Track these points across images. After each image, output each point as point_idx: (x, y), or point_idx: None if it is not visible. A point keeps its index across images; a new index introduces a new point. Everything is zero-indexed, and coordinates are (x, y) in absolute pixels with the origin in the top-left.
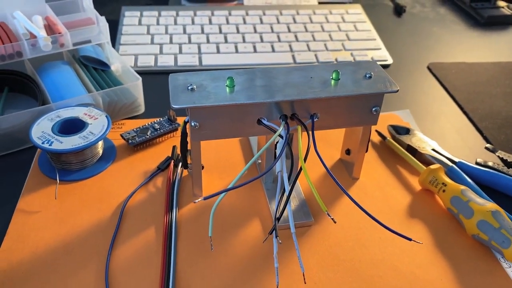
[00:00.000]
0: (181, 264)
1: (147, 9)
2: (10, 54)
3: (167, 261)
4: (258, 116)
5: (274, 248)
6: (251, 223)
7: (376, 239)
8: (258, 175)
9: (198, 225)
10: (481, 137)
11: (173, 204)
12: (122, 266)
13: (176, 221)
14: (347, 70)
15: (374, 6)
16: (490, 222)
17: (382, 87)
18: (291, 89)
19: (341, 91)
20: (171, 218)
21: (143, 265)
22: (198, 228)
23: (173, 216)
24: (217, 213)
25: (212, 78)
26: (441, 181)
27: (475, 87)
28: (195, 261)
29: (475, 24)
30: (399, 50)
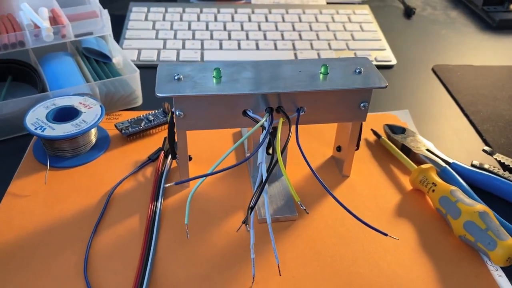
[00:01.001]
0: (161, 252)
1: (154, 5)
2: (13, 43)
3: (147, 248)
4: (244, 107)
5: (251, 239)
6: (235, 214)
7: (360, 237)
8: (237, 163)
9: (182, 215)
10: (481, 140)
11: (159, 194)
12: (103, 250)
13: (160, 210)
14: (337, 65)
15: (384, 7)
16: (477, 223)
17: (370, 82)
18: (278, 82)
19: (329, 85)
20: (156, 207)
21: (123, 250)
22: (182, 218)
23: (157, 205)
24: (201, 203)
25: (200, 69)
26: (431, 181)
27: (479, 90)
28: (175, 250)
29: (486, 28)
30: (404, 52)
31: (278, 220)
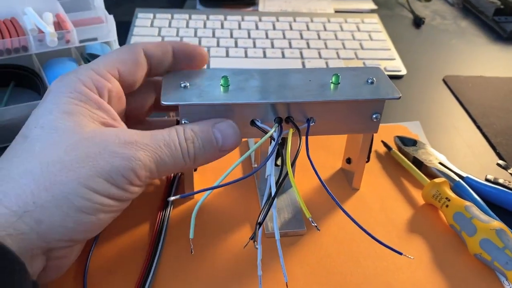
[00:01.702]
0: (164, 266)
1: (160, 12)
2: (16, 48)
3: (149, 263)
4: (252, 117)
5: (258, 255)
6: (241, 228)
7: (371, 253)
8: (244, 176)
9: (187, 228)
10: (494, 153)
11: (167, 205)
12: (104, 263)
13: (167, 224)
14: (348, 75)
15: (393, 16)
16: (493, 241)
17: (383, 93)
18: (288, 91)
19: (340, 95)
20: (163, 219)
21: (125, 264)
22: (187, 231)
23: (165, 216)
24: (206, 216)
25: (207, 77)
26: (444, 196)
27: (492, 102)
28: (178, 265)
29: (497, 38)
30: (414, 62)
31: (287, 234)
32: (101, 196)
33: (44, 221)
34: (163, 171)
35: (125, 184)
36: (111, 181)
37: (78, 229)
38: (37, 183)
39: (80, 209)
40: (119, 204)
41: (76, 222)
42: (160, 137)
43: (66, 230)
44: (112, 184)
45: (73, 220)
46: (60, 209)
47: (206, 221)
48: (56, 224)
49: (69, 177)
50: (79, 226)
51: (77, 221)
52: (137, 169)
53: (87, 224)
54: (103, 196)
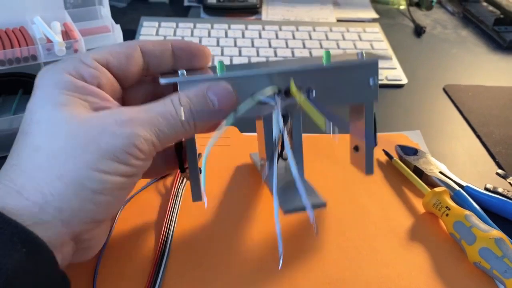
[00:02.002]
0: (171, 269)
1: (165, 20)
2: (25, 57)
3: (158, 264)
4: (251, 92)
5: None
6: (249, 235)
7: (372, 261)
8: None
9: (194, 232)
10: (494, 162)
11: (173, 214)
12: (111, 273)
13: (174, 227)
14: (339, 57)
15: (394, 25)
16: (492, 250)
17: (374, 57)
18: (283, 66)
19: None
20: (170, 223)
21: (134, 265)
22: (194, 235)
23: (172, 221)
24: (213, 223)
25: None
26: (445, 205)
27: (491, 111)
28: (186, 268)
29: (497, 48)
30: (415, 71)
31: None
32: (111, 176)
33: (64, 209)
34: (165, 141)
35: (132, 160)
36: (117, 160)
37: (98, 209)
38: (49, 175)
39: (96, 191)
40: (130, 180)
41: (95, 203)
42: (156, 109)
43: (87, 212)
44: (119, 162)
45: (92, 202)
46: (77, 196)
47: (212, 226)
48: (76, 209)
49: (76, 164)
50: (98, 207)
51: (95, 203)
52: (139, 145)
53: (105, 203)
54: (114, 175)
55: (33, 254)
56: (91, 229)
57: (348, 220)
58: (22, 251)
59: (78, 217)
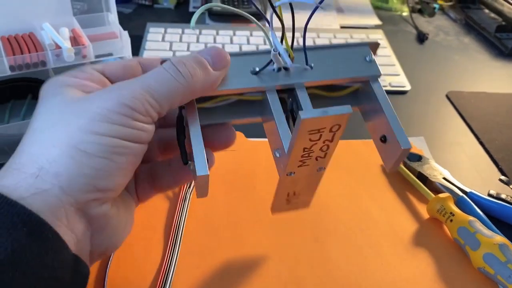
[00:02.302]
0: (180, 275)
1: (171, 26)
2: (35, 62)
3: (167, 268)
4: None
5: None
6: (253, 238)
7: (378, 266)
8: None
9: (202, 235)
10: (497, 169)
11: (182, 216)
12: (125, 264)
13: (182, 232)
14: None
15: (397, 32)
16: (496, 256)
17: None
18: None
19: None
20: (178, 228)
21: (143, 268)
22: (202, 239)
23: (180, 226)
24: (223, 225)
25: None
26: (449, 211)
27: (494, 118)
28: (193, 273)
29: (499, 55)
30: (418, 77)
31: (327, 113)
32: (105, 137)
33: (62, 173)
34: (162, 100)
35: (126, 120)
36: (110, 120)
37: (97, 174)
38: (44, 145)
39: (91, 154)
40: (132, 145)
41: (92, 167)
42: (147, 74)
43: (85, 177)
44: (112, 123)
45: (89, 167)
46: (73, 159)
47: (220, 231)
48: (74, 174)
49: (70, 130)
50: (97, 171)
51: (93, 167)
52: (131, 104)
53: (103, 168)
54: (108, 136)
55: (35, 234)
56: (97, 199)
57: (353, 225)
58: (23, 231)
59: (77, 183)
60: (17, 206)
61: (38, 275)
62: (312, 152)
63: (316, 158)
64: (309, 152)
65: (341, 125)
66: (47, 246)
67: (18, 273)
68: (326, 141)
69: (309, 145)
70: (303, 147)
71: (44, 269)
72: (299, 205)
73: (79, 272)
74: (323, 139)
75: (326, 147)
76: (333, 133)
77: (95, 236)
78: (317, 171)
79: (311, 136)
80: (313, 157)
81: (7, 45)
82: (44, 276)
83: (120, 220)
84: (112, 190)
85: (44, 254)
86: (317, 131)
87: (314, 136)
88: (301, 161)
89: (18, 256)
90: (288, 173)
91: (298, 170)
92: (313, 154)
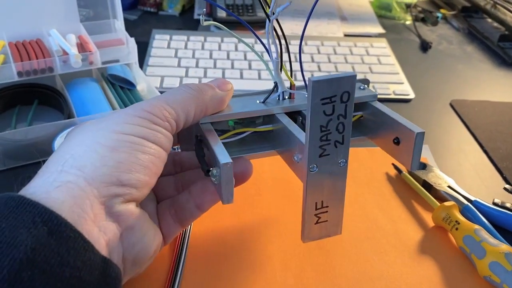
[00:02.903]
0: (186, 280)
1: (176, 33)
2: (42, 68)
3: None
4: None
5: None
6: (265, 246)
7: (384, 274)
8: None
9: (208, 244)
10: (501, 177)
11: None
12: None
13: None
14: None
15: (400, 41)
16: (502, 264)
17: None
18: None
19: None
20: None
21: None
22: (208, 247)
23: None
24: (230, 232)
25: None
26: (454, 219)
27: (498, 126)
28: (201, 284)
29: (502, 64)
30: (422, 86)
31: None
32: (129, 135)
33: (85, 165)
34: (177, 106)
35: (149, 124)
36: (133, 122)
37: (120, 167)
38: (71, 145)
39: (114, 148)
40: (152, 145)
41: (115, 160)
42: (165, 92)
43: (109, 169)
44: (135, 124)
45: (112, 159)
46: (97, 153)
47: (228, 238)
48: (97, 166)
49: (94, 131)
50: (119, 164)
51: (116, 160)
52: (152, 111)
53: (127, 162)
54: (132, 135)
55: (56, 233)
56: (121, 195)
57: (359, 233)
58: (44, 229)
59: (100, 174)
60: (38, 207)
61: (59, 275)
62: (330, 134)
63: (335, 144)
64: (327, 133)
65: (349, 92)
66: (69, 245)
67: (37, 272)
68: (340, 116)
69: (325, 122)
70: (320, 124)
71: (66, 268)
72: (330, 229)
73: (108, 274)
74: (336, 113)
75: (342, 127)
76: (345, 104)
77: (125, 236)
78: (339, 165)
79: (325, 107)
80: (331, 141)
81: (15, 51)
82: (66, 275)
83: (149, 227)
84: (135, 188)
85: (65, 253)
86: (329, 100)
87: (327, 107)
88: (320, 147)
89: (37, 254)
90: (311, 167)
91: (320, 162)
92: (331, 136)
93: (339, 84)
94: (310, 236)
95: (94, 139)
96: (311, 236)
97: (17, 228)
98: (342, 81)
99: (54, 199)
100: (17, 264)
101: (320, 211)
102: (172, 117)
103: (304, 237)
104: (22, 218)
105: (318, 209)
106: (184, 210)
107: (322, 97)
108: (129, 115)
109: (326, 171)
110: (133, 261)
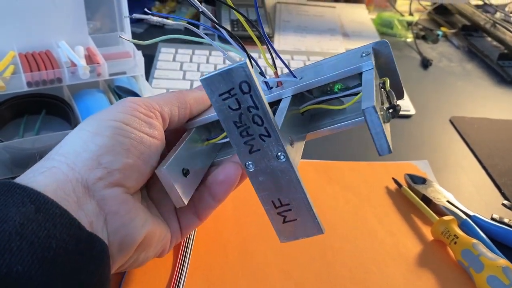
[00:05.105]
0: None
1: (182, 47)
2: (51, 79)
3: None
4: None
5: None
6: (266, 254)
7: (383, 285)
8: None
9: (212, 247)
10: (499, 193)
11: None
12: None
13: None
14: None
15: (402, 57)
16: (500, 278)
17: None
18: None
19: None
20: (187, 246)
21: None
22: (212, 251)
23: (189, 242)
24: (232, 240)
25: None
26: (453, 233)
27: (496, 144)
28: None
29: (501, 82)
30: (422, 102)
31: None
32: (111, 120)
33: (68, 151)
34: (162, 103)
35: (132, 111)
36: (116, 110)
37: (101, 150)
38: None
39: (96, 133)
40: (134, 130)
41: (96, 144)
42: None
43: (90, 153)
44: (118, 112)
45: (94, 143)
46: (80, 138)
47: (229, 246)
48: (79, 150)
49: (82, 123)
50: (100, 148)
51: (97, 143)
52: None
53: (107, 145)
54: (113, 120)
55: (43, 210)
56: (103, 179)
57: (358, 245)
58: (31, 207)
59: (82, 158)
60: (27, 189)
61: (46, 245)
62: (248, 128)
63: (261, 137)
64: (245, 128)
65: (248, 82)
66: (55, 221)
67: (25, 243)
68: (250, 108)
69: (236, 117)
70: (232, 120)
71: (52, 240)
72: (307, 229)
73: (94, 247)
74: (244, 105)
75: (259, 119)
76: (249, 95)
77: (109, 220)
78: (278, 160)
79: (228, 102)
80: (255, 135)
81: (25, 62)
82: (52, 246)
83: (138, 214)
84: (117, 170)
85: (52, 227)
86: (229, 94)
87: (231, 102)
88: (246, 143)
89: (25, 228)
90: (246, 165)
91: (254, 159)
92: (251, 131)
93: (230, 76)
94: (284, 235)
95: (81, 127)
96: (286, 236)
97: (7, 206)
98: (232, 73)
99: (39, 182)
100: (6, 236)
101: (283, 210)
102: (156, 109)
103: (279, 237)
104: (11, 199)
105: (278, 207)
106: (200, 201)
107: (219, 92)
108: (115, 105)
109: (266, 167)
110: (119, 247)
